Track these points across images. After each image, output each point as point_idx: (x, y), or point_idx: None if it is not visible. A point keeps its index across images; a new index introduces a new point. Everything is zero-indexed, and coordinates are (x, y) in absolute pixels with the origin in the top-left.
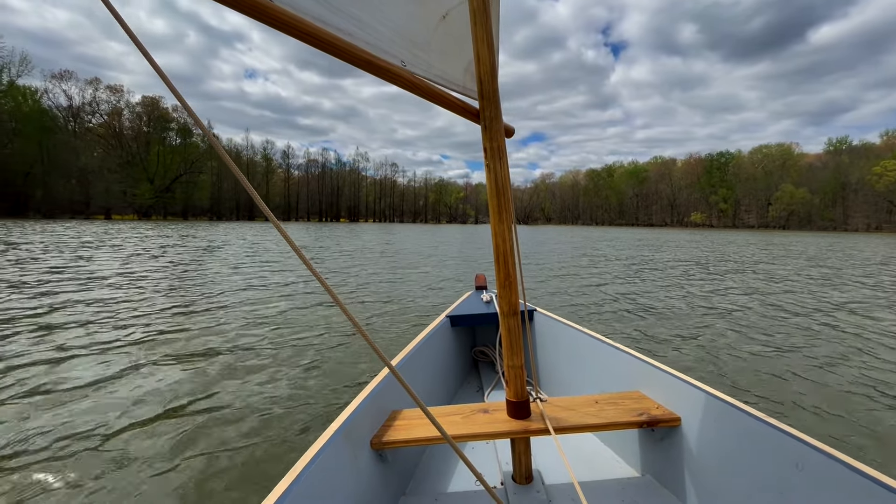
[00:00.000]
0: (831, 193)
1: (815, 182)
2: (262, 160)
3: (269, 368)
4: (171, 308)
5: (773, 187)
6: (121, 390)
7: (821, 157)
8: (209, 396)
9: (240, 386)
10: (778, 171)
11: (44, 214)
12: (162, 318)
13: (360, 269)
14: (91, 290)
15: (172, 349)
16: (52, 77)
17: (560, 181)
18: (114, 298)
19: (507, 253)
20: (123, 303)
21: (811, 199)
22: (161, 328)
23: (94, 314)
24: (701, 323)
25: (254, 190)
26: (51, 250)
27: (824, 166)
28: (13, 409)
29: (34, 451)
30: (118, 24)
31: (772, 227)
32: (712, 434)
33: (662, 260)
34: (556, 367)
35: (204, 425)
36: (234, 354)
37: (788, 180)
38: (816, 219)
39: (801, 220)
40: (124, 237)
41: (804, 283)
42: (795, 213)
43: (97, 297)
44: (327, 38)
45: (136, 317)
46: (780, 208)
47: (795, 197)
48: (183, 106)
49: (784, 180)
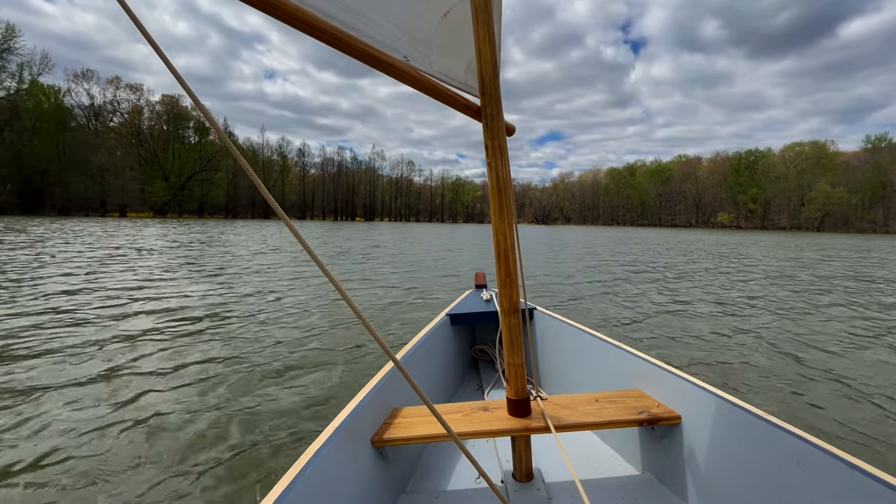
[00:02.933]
0: (870, 193)
1: (852, 181)
2: (278, 157)
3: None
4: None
5: (805, 187)
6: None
7: (858, 156)
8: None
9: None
10: (811, 170)
11: (59, 211)
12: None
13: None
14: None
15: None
16: (74, 76)
17: (580, 180)
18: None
19: (507, 250)
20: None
21: (848, 199)
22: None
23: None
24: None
25: (262, 184)
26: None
27: (862, 165)
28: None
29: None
30: (134, 24)
31: (805, 228)
32: (713, 432)
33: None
34: (556, 366)
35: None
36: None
37: (823, 179)
38: (854, 220)
39: (836, 221)
40: (124, 233)
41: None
42: (831, 213)
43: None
44: (331, 31)
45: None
46: (815, 209)
47: (832, 197)
48: (192, 100)
49: (818, 179)
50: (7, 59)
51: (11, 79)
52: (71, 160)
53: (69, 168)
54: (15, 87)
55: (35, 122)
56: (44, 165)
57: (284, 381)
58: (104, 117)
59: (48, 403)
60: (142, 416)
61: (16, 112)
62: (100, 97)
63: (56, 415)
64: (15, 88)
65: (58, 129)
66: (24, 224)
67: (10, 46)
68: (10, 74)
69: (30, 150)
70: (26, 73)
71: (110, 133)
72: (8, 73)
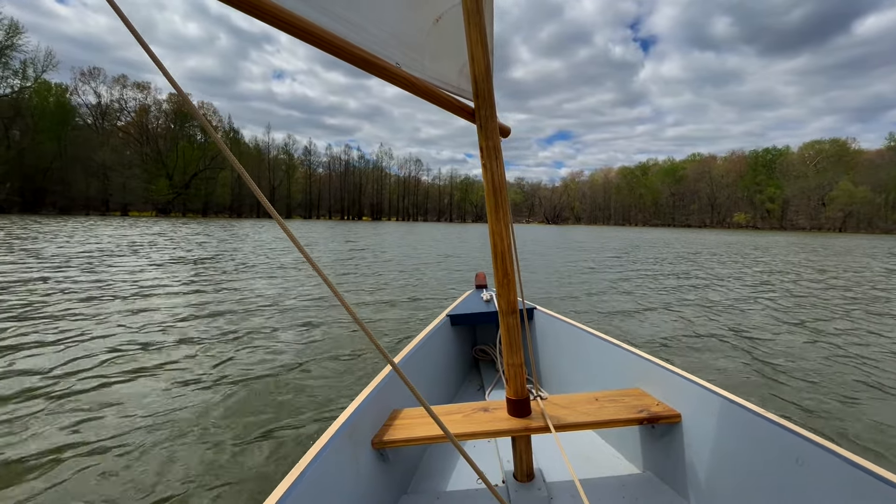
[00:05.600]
0: (895, 192)
1: (875, 180)
2: (283, 155)
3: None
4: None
5: (826, 186)
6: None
7: (881, 154)
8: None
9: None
10: (832, 169)
11: (60, 210)
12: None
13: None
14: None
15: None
16: (81, 74)
17: (590, 179)
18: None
19: (505, 252)
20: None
21: (873, 198)
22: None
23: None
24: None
25: (255, 185)
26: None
27: (886, 163)
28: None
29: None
30: (121, 23)
31: (826, 229)
32: (713, 430)
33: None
34: (556, 365)
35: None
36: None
37: (845, 178)
38: (878, 221)
39: (859, 221)
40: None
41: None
42: (853, 214)
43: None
44: (325, 37)
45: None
46: (837, 208)
47: (855, 196)
48: (179, 94)
49: (839, 178)
50: (11, 56)
51: (15, 76)
52: (73, 158)
53: (71, 166)
54: (19, 84)
55: (37, 119)
56: (46, 164)
57: (285, 382)
58: (111, 116)
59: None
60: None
61: (19, 110)
62: (107, 96)
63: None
64: (19, 86)
65: (60, 126)
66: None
67: (13, 43)
68: (14, 72)
69: (32, 148)
70: (31, 70)
71: (118, 132)
72: (12, 71)
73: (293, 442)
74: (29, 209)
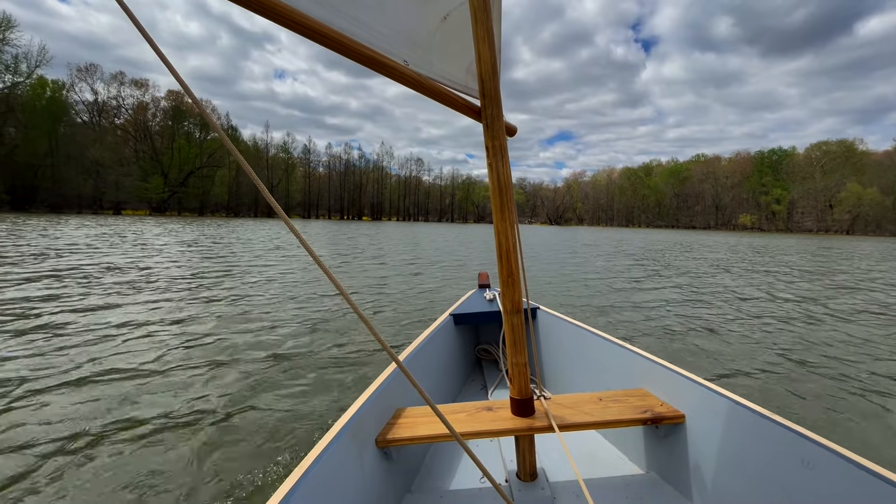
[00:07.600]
0: None
1: (883, 182)
2: (282, 153)
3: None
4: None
5: (833, 187)
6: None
7: (890, 155)
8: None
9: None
10: (839, 170)
11: (50, 208)
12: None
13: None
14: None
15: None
16: (77, 70)
17: (593, 180)
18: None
19: (509, 251)
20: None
21: (882, 200)
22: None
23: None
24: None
25: (261, 182)
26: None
27: (894, 165)
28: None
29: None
30: (124, 22)
31: (833, 231)
32: (717, 431)
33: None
34: (559, 365)
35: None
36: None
37: (853, 180)
38: (887, 223)
39: (867, 224)
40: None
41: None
42: (862, 216)
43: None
44: (333, 36)
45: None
46: (844, 210)
47: (864, 198)
48: (186, 92)
49: (847, 180)
50: (3, 50)
51: (7, 71)
52: (66, 155)
53: (63, 163)
54: (11, 79)
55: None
56: (38, 161)
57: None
58: (108, 113)
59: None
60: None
61: (11, 106)
62: (104, 93)
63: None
64: (11, 81)
65: (52, 122)
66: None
67: (5, 38)
68: (6, 67)
69: (23, 145)
70: (24, 65)
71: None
72: (4, 66)
73: (293, 442)
74: (19, 207)
